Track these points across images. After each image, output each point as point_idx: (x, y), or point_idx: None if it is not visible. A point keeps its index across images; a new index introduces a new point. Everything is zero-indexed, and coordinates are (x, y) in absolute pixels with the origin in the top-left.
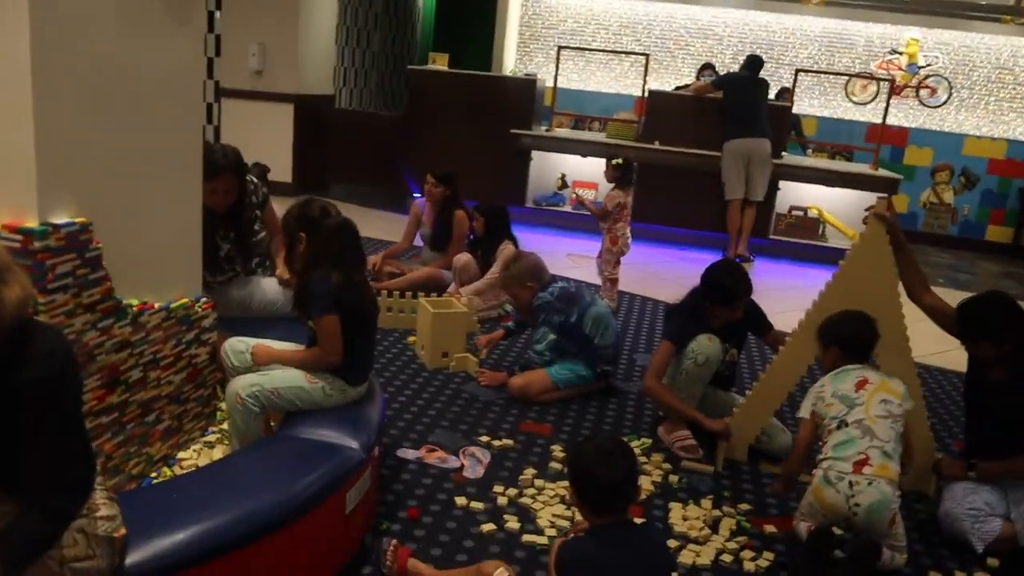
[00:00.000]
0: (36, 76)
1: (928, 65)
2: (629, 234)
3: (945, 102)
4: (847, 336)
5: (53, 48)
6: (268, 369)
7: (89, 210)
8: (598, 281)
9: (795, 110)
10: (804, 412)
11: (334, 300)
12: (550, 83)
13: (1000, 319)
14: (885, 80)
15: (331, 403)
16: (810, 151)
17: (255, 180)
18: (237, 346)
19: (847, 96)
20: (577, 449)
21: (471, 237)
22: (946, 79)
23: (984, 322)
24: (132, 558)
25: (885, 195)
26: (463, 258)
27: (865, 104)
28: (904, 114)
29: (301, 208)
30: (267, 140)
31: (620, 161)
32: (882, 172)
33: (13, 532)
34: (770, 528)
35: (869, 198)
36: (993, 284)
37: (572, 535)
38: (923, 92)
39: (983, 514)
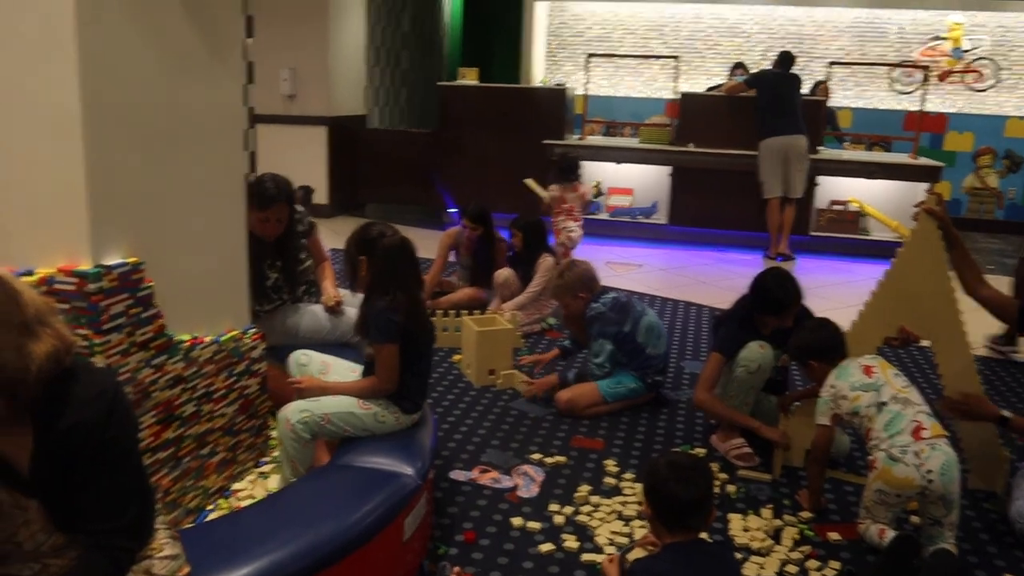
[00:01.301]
0: (86, 122)
1: (973, 49)
2: (573, 228)
3: (993, 85)
4: (818, 347)
5: (101, 93)
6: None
7: (140, 249)
8: (642, 289)
9: (829, 103)
10: (823, 419)
11: (397, 328)
12: (580, 91)
13: None
14: (922, 68)
15: (383, 430)
16: (847, 144)
17: (300, 208)
18: (300, 359)
19: (891, 86)
20: (653, 462)
21: (511, 253)
22: (994, 61)
23: None
24: None
25: (935, 192)
26: (504, 273)
27: (910, 93)
28: (942, 100)
29: (360, 232)
30: (301, 163)
31: (554, 157)
32: (922, 160)
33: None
34: (834, 535)
35: (910, 188)
36: None
37: (644, 550)
38: (969, 76)
39: None
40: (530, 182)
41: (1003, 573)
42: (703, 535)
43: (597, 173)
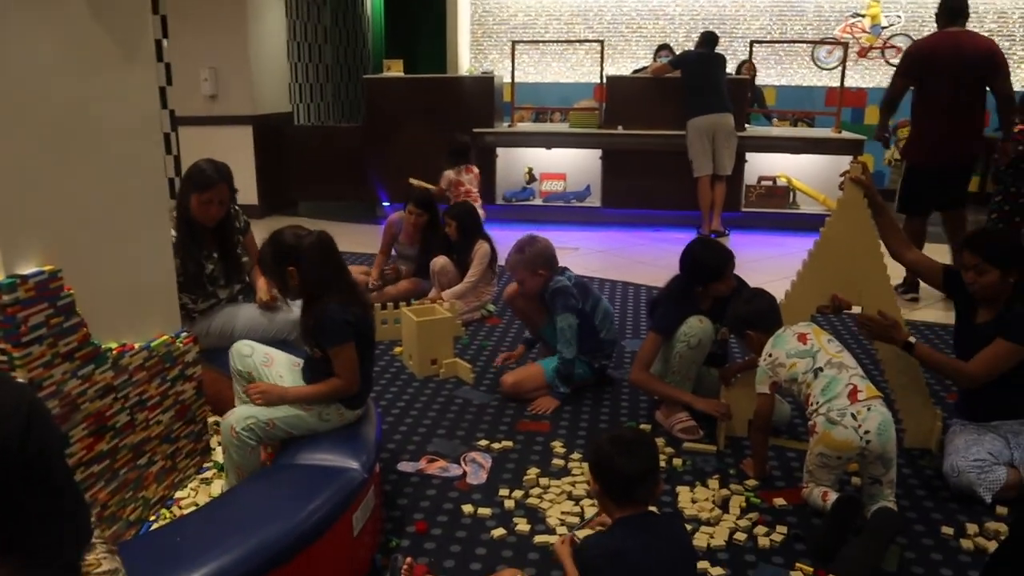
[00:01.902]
0: None
1: (891, 25)
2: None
3: None
4: (753, 317)
5: (1, 97)
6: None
7: (57, 257)
8: (580, 271)
9: (755, 82)
10: (763, 387)
11: (350, 326)
12: (507, 79)
13: (1014, 248)
14: (842, 44)
15: (326, 428)
16: (774, 120)
17: (236, 207)
18: (243, 350)
19: (814, 62)
20: (597, 440)
21: (444, 242)
22: (911, 38)
23: (1004, 249)
24: None
25: (860, 161)
26: (439, 261)
27: (833, 69)
28: (860, 75)
29: (274, 245)
30: (228, 163)
31: (448, 142)
32: (845, 134)
33: None
34: (780, 501)
35: (835, 161)
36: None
37: (594, 528)
38: (888, 52)
39: (987, 464)
40: (414, 180)
41: (940, 525)
42: (652, 508)
43: (529, 159)
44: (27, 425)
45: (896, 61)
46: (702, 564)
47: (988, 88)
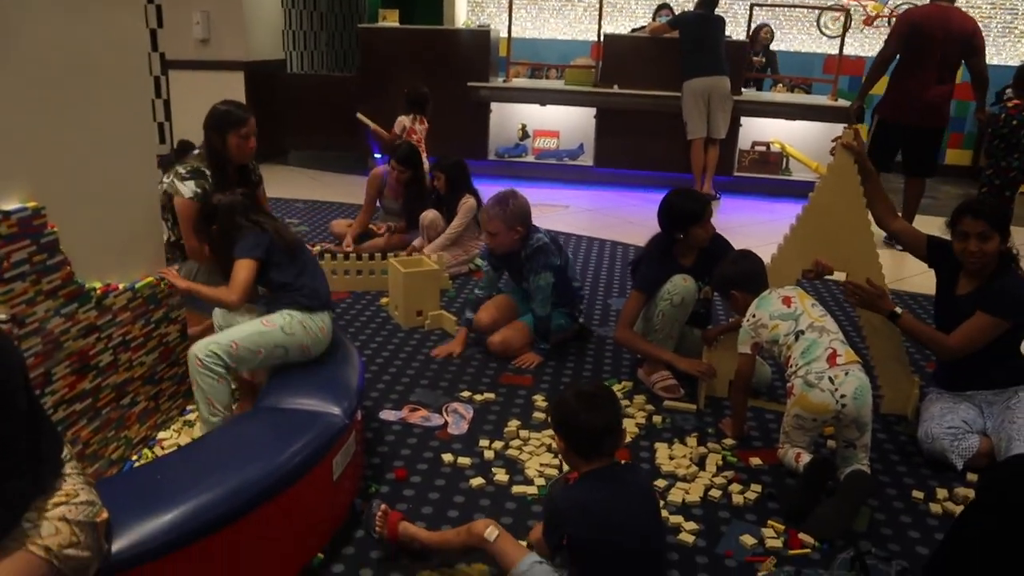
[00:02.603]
0: None
1: None
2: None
3: None
4: (739, 279)
5: None
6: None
7: (40, 194)
8: (570, 229)
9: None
10: (744, 347)
11: (254, 244)
12: (504, 33)
13: (999, 210)
14: (843, 11)
15: (295, 341)
16: (778, 87)
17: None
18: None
19: (819, 28)
20: (560, 397)
21: (433, 196)
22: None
23: (1004, 214)
24: (120, 543)
25: (853, 127)
26: (429, 215)
27: (837, 37)
28: (860, 44)
29: (200, 209)
30: None
31: (406, 89)
32: (842, 102)
33: None
34: (756, 460)
35: (830, 129)
36: (954, 207)
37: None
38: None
39: (961, 432)
40: (361, 116)
41: (911, 489)
42: (623, 462)
43: (522, 115)
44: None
45: None
46: (676, 519)
47: (964, 62)
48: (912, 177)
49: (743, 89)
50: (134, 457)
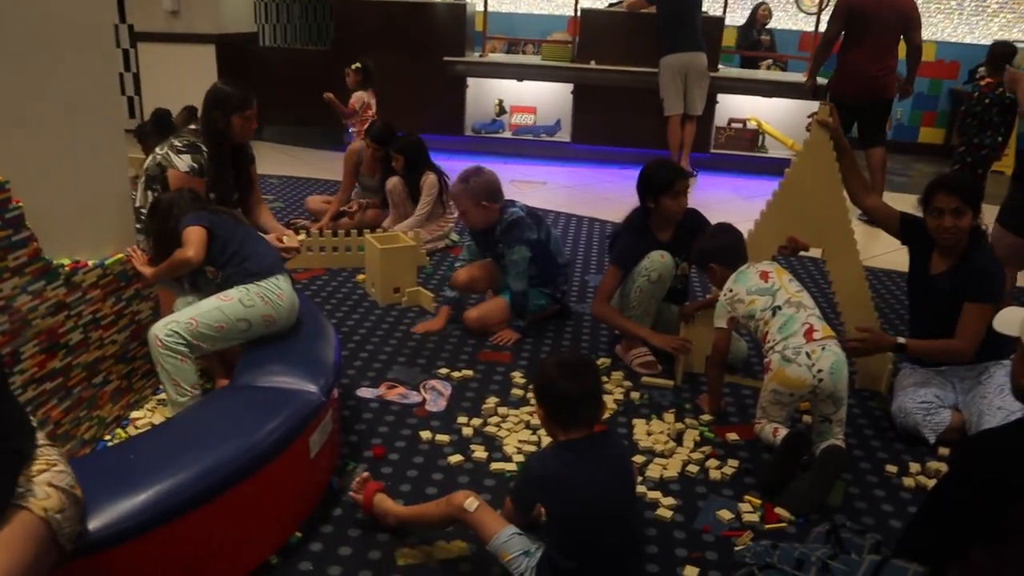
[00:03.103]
0: None
1: None
2: None
3: None
4: (718, 251)
5: None
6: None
7: (3, 168)
8: (546, 206)
9: (727, 22)
10: (721, 322)
11: (196, 216)
12: (480, 7)
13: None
14: None
15: (257, 312)
16: (768, 64)
17: None
18: (188, 298)
19: (797, 6)
20: (541, 367)
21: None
22: None
23: (976, 190)
24: (94, 523)
25: (828, 103)
26: (392, 180)
27: (815, 14)
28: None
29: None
30: (189, 84)
31: (359, 65)
32: (818, 80)
33: None
34: (732, 436)
35: (806, 106)
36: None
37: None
38: None
39: (933, 406)
40: (329, 96)
41: (885, 464)
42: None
43: (499, 91)
44: None
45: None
46: (654, 494)
47: (902, 37)
48: (870, 148)
49: (742, 68)
50: (107, 437)
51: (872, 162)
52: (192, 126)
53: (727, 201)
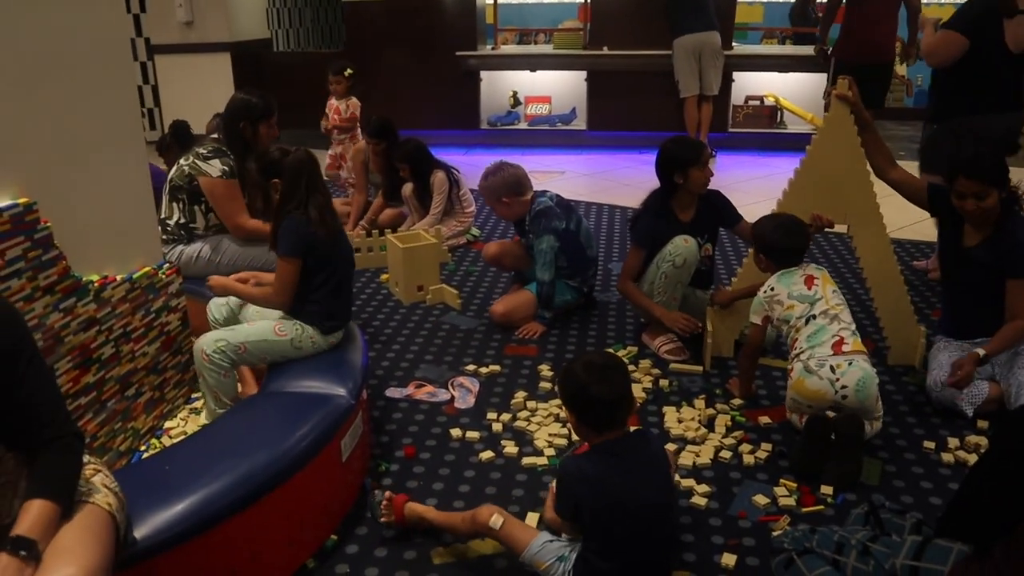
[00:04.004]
0: None
1: None
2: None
3: None
4: (776, 247)
5: None
6: (237, 323)
7: (31, 189)
8: (566, 195)
9: None
10: (756, 318)
11: (301, 242)
12: (490, 0)
13: (1003, 164)
14: None
15: (301, 355)
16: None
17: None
18: (218, 300)
19: None
20: (567, 370)
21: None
22: None
23: (999, 167)
24: (134, 534)
25: (846, 77)
26: (410, 187)
27: None
28: None
29: (261, 160)
30: (207, 93)
31: (351, 71)
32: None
33: (47, 475)
34: (765, 419)
35: (823, 80)
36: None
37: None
38: None
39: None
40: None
41: (922, 440)
42: (634, 429)
43: (513, 82)
44: (10, 313)
45: None
46: (688, 482)
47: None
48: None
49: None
50: (142, 448)
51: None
52: (214, 136)
53: (748, 180)
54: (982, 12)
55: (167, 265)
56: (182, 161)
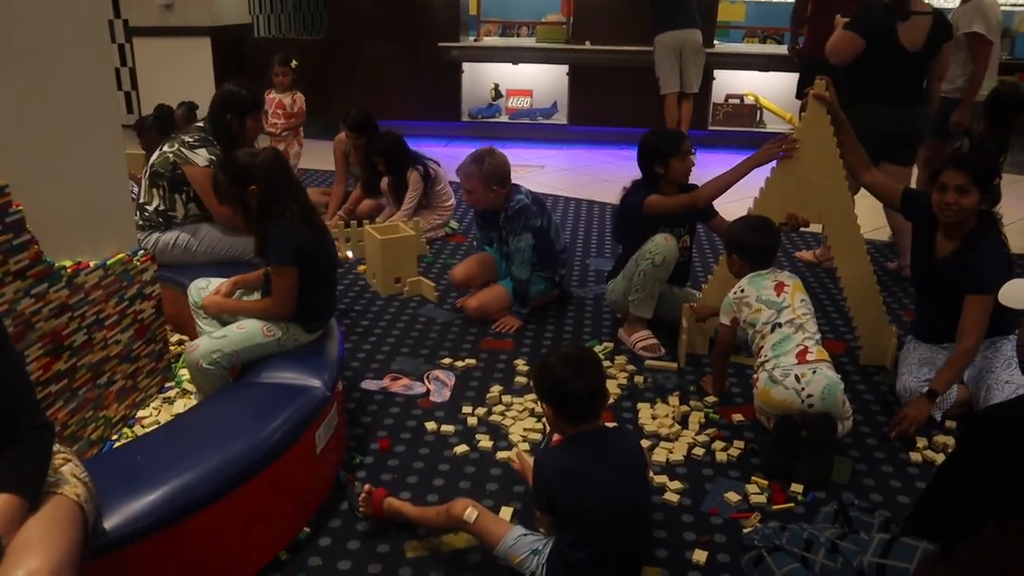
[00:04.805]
0: None
1: None
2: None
3: None
4: (747, 246)
5: None
6: (224, 325)
7: (2, 172)
8: (545, 190)
9: None
10: (725, 319)
11: (295, 248)
12: None
13: (984, 167)
14: None
15: (284, 350)
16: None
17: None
18: (200, 283)
19: None
20: (543, 364)
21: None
22: None
23: (987, 170)
24: (105, 524)
25: (824, 77)
26: (386, 181)
27: None
28: None
29: (229, 168)
30: (186, 78)
31: (296, 63)
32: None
33: (14, 469)
34: (738, 417)
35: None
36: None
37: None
38: None
39: None
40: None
41: (892, 440)
42: (608, 424)
43: (495, 75)
44: None
45: None
46: (661, 478)
47: None
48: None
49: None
50: (114, 437)
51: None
52: (199, 124)
53: None
54: (878, 15)
55: (142, 252)
56: (165, 148)
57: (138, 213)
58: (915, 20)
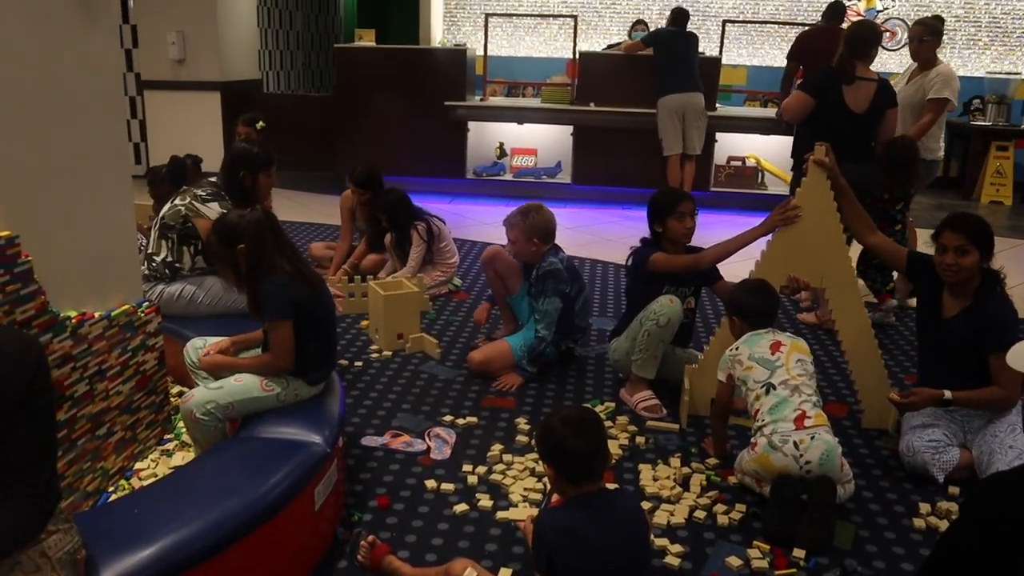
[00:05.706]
0: None
1: (885, 9)
2: None
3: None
4: (746, 308)
5: None
6: (221, 378)
7: (13, 222)
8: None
9: (724, 60)
10: (721, 375)
11: (288, 302)
12: (480, 52)
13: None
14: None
15: (283, 405)
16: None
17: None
18: (196, 343)
19: None
20: (545, 424)
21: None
22: (905, 23)
23: (985, 230)
24: None
25: (824, 143)
26: (389, 237)
27: None
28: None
29: (219, 229)
30: (195, 131)
31: (263, 124)
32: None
33: None
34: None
35: None
36: (929, 217)
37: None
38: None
39: (942, 445)
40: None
41: (894, 504)
42: (610, 485)
43: (500, 134)
44: (38, 363)
45: (890, 45)
46: (662, 541)
47: None
48: None
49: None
50: (110, 488)
51: None
52: (212, 179)
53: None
54: (825, 77)
55: (146, 304)
56: (177, 200)
57: (145, 263)
58: (859, 85)
